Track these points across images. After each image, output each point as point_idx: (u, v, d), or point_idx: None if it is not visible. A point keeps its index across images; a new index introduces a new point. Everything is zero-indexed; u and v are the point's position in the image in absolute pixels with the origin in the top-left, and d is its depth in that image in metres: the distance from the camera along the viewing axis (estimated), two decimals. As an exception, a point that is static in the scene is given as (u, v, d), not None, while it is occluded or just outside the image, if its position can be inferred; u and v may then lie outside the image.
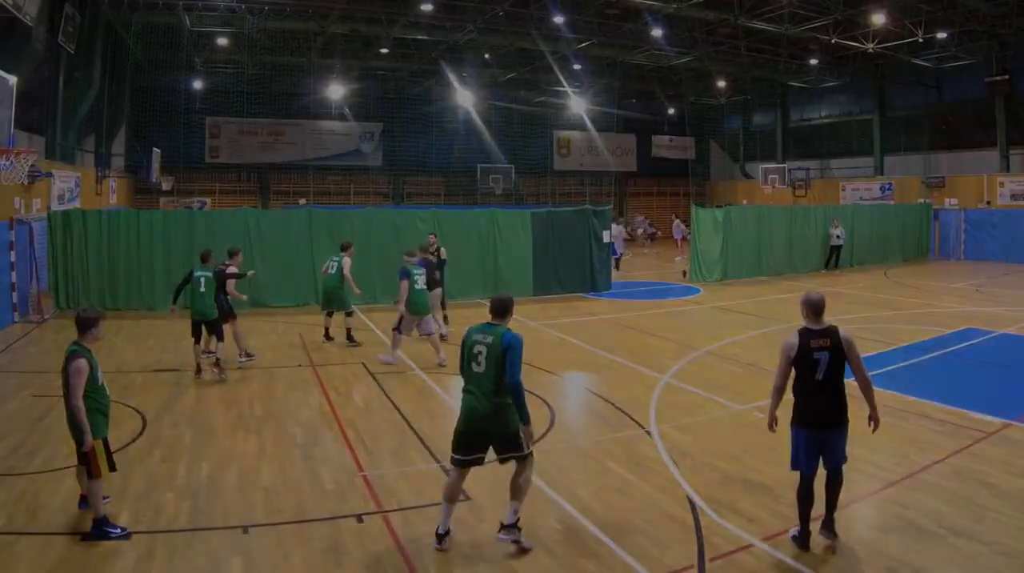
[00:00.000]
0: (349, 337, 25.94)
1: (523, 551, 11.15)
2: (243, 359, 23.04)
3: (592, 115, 73.33)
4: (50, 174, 35.52)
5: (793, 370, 11.50)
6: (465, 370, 11.60)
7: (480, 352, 11.40)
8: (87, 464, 11.56)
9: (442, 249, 28.43)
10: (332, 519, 12.25)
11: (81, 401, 11.33)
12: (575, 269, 37.50)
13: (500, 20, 49.77)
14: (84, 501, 12.17)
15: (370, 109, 71.61)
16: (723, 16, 47.95)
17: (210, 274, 21.71)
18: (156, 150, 55.83)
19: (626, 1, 46.42)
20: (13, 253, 28.54)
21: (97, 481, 11.61)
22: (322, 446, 15.90)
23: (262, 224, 33.39)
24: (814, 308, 11.85)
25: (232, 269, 22.83)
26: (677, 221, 60.75)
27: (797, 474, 11.55)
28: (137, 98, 61.00)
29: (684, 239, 53.86)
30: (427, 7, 47.71)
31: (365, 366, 22.83)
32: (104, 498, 11.85)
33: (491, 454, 11.61)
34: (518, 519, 11.28)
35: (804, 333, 11.54)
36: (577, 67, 61.63)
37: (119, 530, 11.63)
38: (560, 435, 16.54)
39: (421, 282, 23.09)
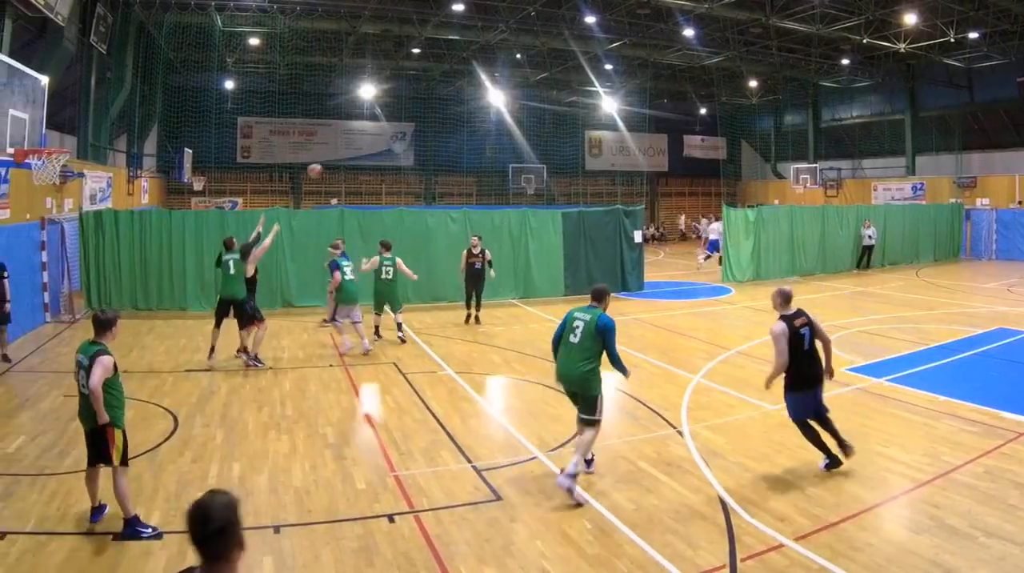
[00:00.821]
0: (400, 329, 26.32)
1: (577, 505, 12.68)
2: (252, 363, 23.08)
3: (623, 115, 73.08)
4: (82, 174, 35.56)
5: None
6: (561, 341, 13.97)
7: (578, 327, 13.70)
8: (106, 444, 11.75)
9: (487, 251, 28.54)
10: (363, 519, 12.26)
11: (100, 387, 11.49)
12: (606, 269, 37.25)
13: (532, 20, 49.69)
14: (97, 513, 12.19)
15: (402, 109, 71.52)
16: (754, 16, 47.84)
17: (237, 256, 22.03)
18: (188, 150, 55.69)
19: (658, 1, 46.36)
20: (45, 253, 28.64)
21: (123, 473, 11.80)
22: (353, 446, 15.94)
23: (293, 224, 33.42)
24: (786, 298, 14.93)
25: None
26: (704, 221, 60.41)
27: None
28: (169, 98, 61.21)
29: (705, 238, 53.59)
30: (459, 7, 47.73)
31: (396, 366, 22.87)
32: (144, 529, 11.85)
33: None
34: (578, 473, 13.03)
35: (785, 319, 14.42)
36: (609, 67, 61.74)
37: (151, 530, 11.74)
38: (592, 435, 16.42)
39: (349, 272, 24.36)
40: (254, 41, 56.49)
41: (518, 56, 62.25)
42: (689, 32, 51.54)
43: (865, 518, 12.04)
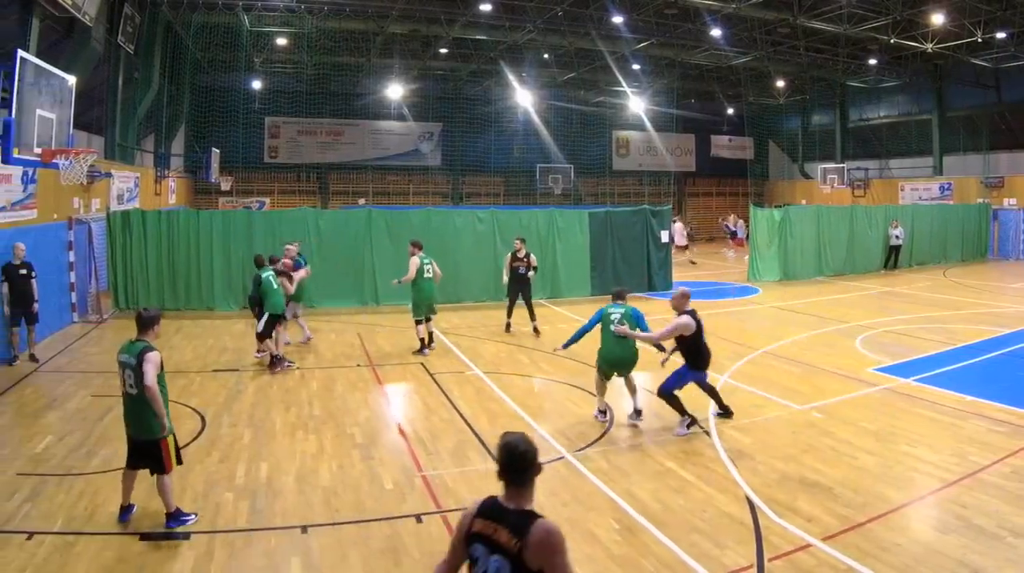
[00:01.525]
0: (430, 340, 25.37)
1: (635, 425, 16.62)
2: (259, 355, 23.55)
3: (651, 115, 72.74)
4: (109, 174, 35.58)
5: (685, 339, 16.75)
6: (603, 331, 17.59)
7: (615, 317, 17.44)
8: (160, 459, 11.88)
9: (531, 255, 27.99)
10: (391, 519, 12.33)
11: (156, 383, 11.66)
12: (633, 269, 37.41)
13: (559, 20, 49.62)
14: (126, 513, 12.30)
15: (429, 109, 71.40)
16: (782, 16, 47.63)
17: (271, 272, 22.19)
18: (215, 150, 55.83)
19: (685, 1, 46.27)
20: (72, 253, 28.77)
21: (168, 476, 11.94)
22: (381, 446, 15.96)
23: (321, 224, 33.50)
24: (687, 297, 17.34)
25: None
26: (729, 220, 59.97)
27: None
28: (196, 98, 61.39)
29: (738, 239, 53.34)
30: (486, 7, 47.65)
31: (424, 366, 22.91)
32: (188, 517, 12.15)
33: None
34: (640, 409, 17.39)
35: (691, 313, 16.82)
36: (636, 67, 61.51)
37: (193, 516, 12.11)
38: (619, 434, 16.58)
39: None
40: (282, 41, 56.55)
41: (545, 56, 62.15)
42: (716, 32, 51.37)
43: (892, 518, 12.05)
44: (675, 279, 39.29)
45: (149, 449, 12.00)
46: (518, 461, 6.56)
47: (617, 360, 17.49)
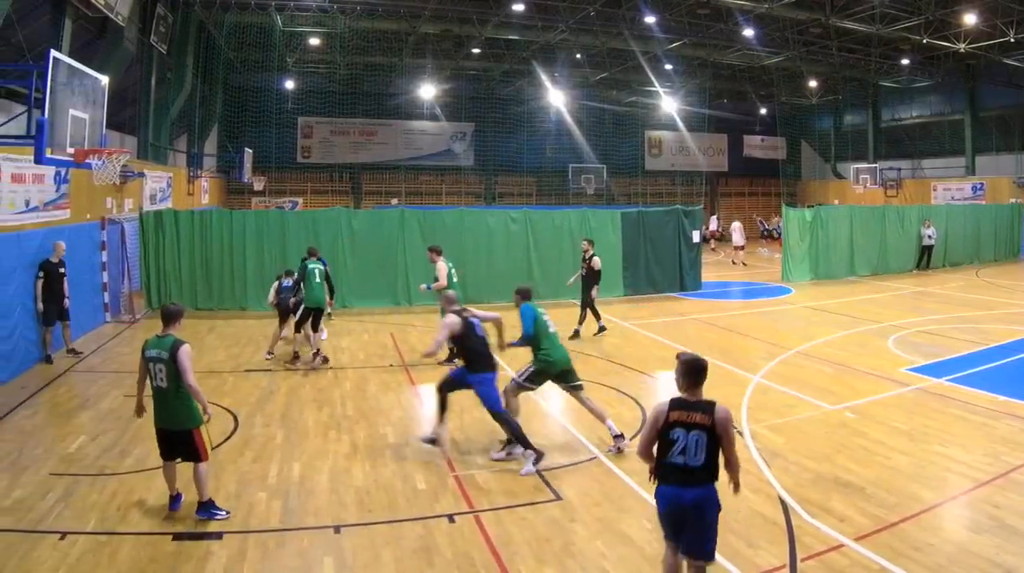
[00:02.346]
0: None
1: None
2: (268, 357, 23.80)
3: (683, 115, 72.59)
4: (142, 174, 35.86)
5: (459, 340, 16.30)
6: (544, 334, 16.83)
7: (548, 318, 17.04)
8: (195, 448, 12.18)
9: (596, 258, 27.57)
10: (423, 519, 12.35)
11: (195, 382, 11.94)
12: (665, 269, 37.52)
13: (591, 20, 49.42)
14: (176, 501, 12.46)
15: (461, 109, 71.41)
16: (814, 16, 47.49)
17: (322, 266, 22.31)
18: (248, 150, 56.27)
19: (717, 1, 46.21)
20: (105, 253, 28.86)
21: (205, 464, 12.21)
22: (414, 446, 15.98)
23: (354, 224, 33.54)
24: (453, 301, 17.38)
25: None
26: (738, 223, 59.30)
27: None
28: (229, 98, 61.69)
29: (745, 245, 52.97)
30: (519, 7, 47.57)
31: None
32: (219, 512, 12.34)
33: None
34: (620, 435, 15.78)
35: (457, 313, 16.48)
36: (668, 67, 61.21)
37: (224, 513, 12.20)
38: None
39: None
40: (314, 41, 56.63)
41: (578, 56, 61.99)
42: (749, 32, 51.17)
43: (925, 518, 12.02)
44: (706, 278, 39.53)
45: (182, 439, 12.22)
46: (698, 370, 9.40)
47: (564, 361, 16.55)
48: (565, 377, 16.51)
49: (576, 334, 27.29)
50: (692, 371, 9.33)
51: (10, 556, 10.89)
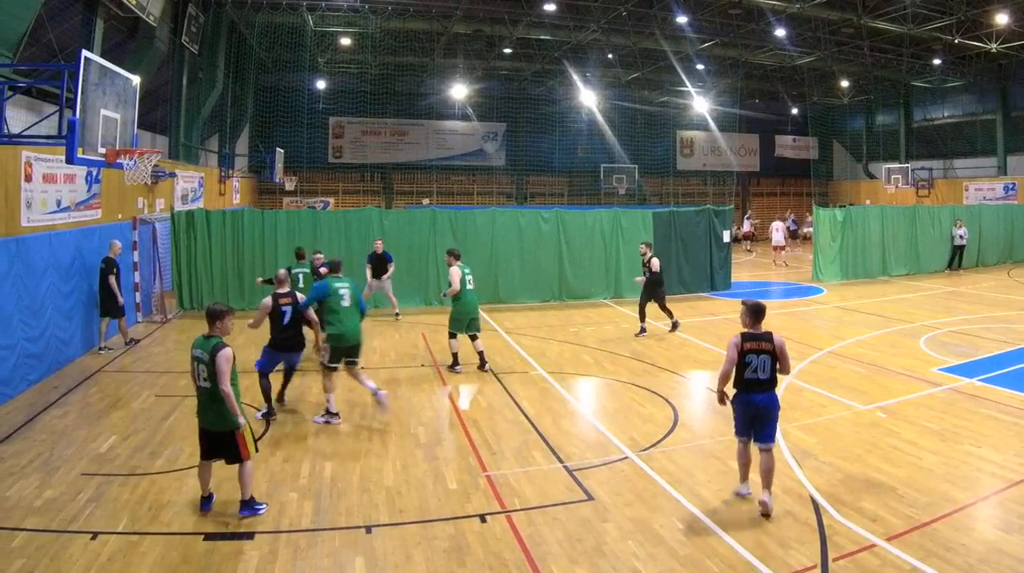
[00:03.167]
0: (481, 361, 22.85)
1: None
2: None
3: (715, 115, 72.52)
4: (173, 174, 35.92)
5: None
6: (337, 308, 17.94)
7: (344, 292, 18.01)
8: (236, 449, 12.37)
9: (654, 259, 27.11)
10: (455, 519, 12.36)
11: (230, 386, 12.09)
12: (697, 269, 37.47)
13: (623, 20, 49.55)
14: (207, 502, 12.58)
15: (493, 109, 71.60)
16: (846, 16, 47.52)
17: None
18: (279, 150, 56.12)
19: (749, 1, 46.25)
20: (136, 253, 28.91)
21: (250, 463, 12.35)
22: (445, 446, 16.00)
23: (386, 224, 33.51)
24: (282, 279, 18.51)
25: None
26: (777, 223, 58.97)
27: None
28: (260, 98, 61.98)
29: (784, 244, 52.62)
30: (550, 7, 47.67)
31: (489, 366, 22.81)
32: (260, 506, 12.57)
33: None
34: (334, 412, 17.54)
35: (275, 295, 17.91)
36: (700, 67, 61.32)
37: (264, 506, 12.69)
38: (683, 435, 16.54)
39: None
40: (346, 41, 56.90)
41: (609, 56, 61.98)
42: (780, 32, 51.11)
43: (957, 518, 11.99)
44: (738, 279, 39.53)
45: (224, 440, 12.40)
46: (761, 310, 13.16)
47: (354, 334, 18.08)
48: (351, 353, 17.94)
49: (675, 326, 27.41)
50: (756, 311, 13.08)
51: (41, 556, 10.94)
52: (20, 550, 11.13)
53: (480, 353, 22.50)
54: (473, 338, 22.59)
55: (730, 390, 13.04)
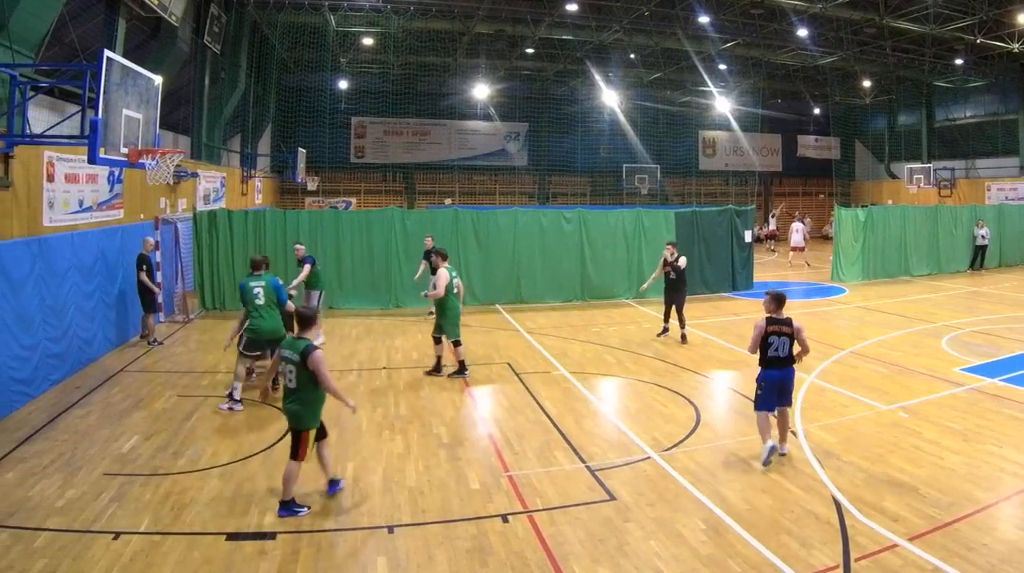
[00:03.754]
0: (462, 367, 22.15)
1: None
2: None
3: (737, 115, 72.40)
4: (196, 174, 36.13)
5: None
6: (251, 305, 18.46)
7: (259, 291, 18.46)
8: (296, 447, 12.86)
9: (682, 258, 26.66)
10: (477, 519, 12.38)
11: (331, 382, 12.96)
12: (718, 269, 37.45)
13: (645, 20, 49.44)
14: (334, 485, 13.41)
15: (515, 109, 71.49)
16: (868, 16, 47.35)
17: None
18: (301, 150, 56.49)
19: (771, 1, 46.22)
20: (158, 253, 28.84)
21: (297, 465, 12.80)
22: (467, 446, 16.01)
23: (408, 224, 33.53)
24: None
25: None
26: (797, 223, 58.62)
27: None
28: (282, 98, 62.15)
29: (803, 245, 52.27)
30: (572, 7, 47.56)
31: (511, 366, 22.96)
32: (300, 509, 12.77)
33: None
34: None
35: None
36: (722, 67, 61.14)
37: (305, 509, 12.76)
38: (705, 435, 16.54)
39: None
40: (368, 41, 57.01)
41: (632, 56, 61.91)
42: (803, 32, 50.91)
43: (979, 518, 11.96)
44: (759, 279, 39.52)
45: (294, 437, 12.88)
46: (783, 299, 15.24)
47: (272, 331, 18.46)
48: (274, 347, 17.21)
49: (665, 330, 27.06)
50: (778, 299, 15.20)
51: (64, 556, 10.98)
52: (42, 550, 11.17)
53: (461, 361, 22.04)
54: (456, 344, 21.86)
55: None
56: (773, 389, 14.99)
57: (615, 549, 11.29)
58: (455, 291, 21.82)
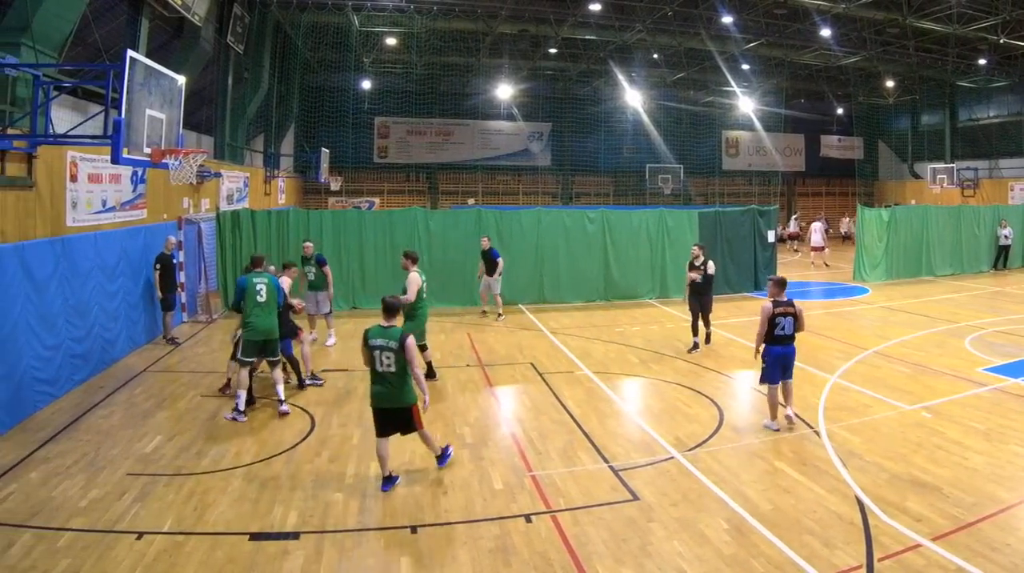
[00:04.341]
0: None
1: None
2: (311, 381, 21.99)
3: (760, 115, 72.47)
4: (219, 174, 36.24)
5: None
6: (251, 302, 18.05)
7: (261, 288, 18.12)
8: (412, 420, 14.00)
9: (710, 262, 25.74)
10: (500, 519, 12.40)
11: (419, 369, 14.00)
12: (741, 268, 37.29)
13: (669, 20, 49.50)
14: (389, 482, 13.77)
15: (538, 109, 71.74)
16: (891, 16, 47.20)
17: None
18: (325, 150, 56.52)
19: (794, 1, 46.08)
20: (182, 253, 28.84)
21: (425, 429, 14.33)
22: (491, 446, 16.01)
23: (431, 224, 33.47)
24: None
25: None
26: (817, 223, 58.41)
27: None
28: (306, 98, 62.47)
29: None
30: (596, 7, 47.68)
31: (534, 366, 22.93)
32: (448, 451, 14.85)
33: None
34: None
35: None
36: (745, 67, 61.03)
37: (452, 447, 15.08)
38: (728, 434, 16.52)
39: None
40: (391, 41, 57.18)
41: (655, 56, 61.78)
42: (826, 32, 50.97)
43: (1002, 518, 11.93)
44: (791, 278, 39.03)
45: (402, 415, 13.91)
46: (784, 283, 17.14)
47: (267, 330, 18.14)
48: (267, 349, 18.14)
49: (696, 345, 25.34)
50: (781, 283, 17.19)
51: (87, 556, 11.02)
52: (66, 550, 11.21)
53: (429, 362, 21.38)
54: (423, 349, 20.50)
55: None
56: (777, 363, 16.92)
57: (638, 549, 11.29)
58: (425, 296, 21.10)
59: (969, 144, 70.86)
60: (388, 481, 13.67)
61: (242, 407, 17.50)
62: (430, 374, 20.94)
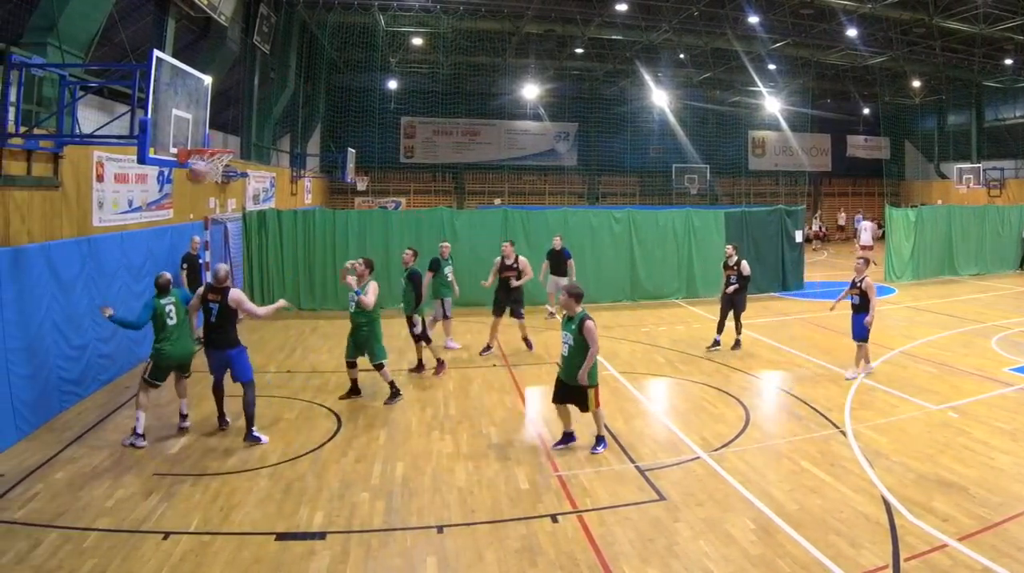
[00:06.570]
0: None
1: None
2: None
3: (786, 115, 72.13)
4: (245, 174, 36.28)
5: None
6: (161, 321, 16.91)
7: (170, 310, 16.91)
8: (587, 400, 15.31)
9: (743, 263, 25.48)
10: (526, 519, 12.41)
11: (597, 350, 15.18)
12: (768, 269, 37.14)
13: (695, 20, 49.44)
14: (567, 438, 15.72)
15: (565, 109, 71.69)
16: (918, 16, 47.09)
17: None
18: (351, 150, 56.50)
19: (821, 1, 46.06)
20: (208, 253, 28.93)
21: (598, 410, 15.58)
22: (517, 446, 16.04)
23: (457, 224, 33.42)
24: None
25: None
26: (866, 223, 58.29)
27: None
28: (332, 98, 62.64)
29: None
30: (622, 7, 47.66)
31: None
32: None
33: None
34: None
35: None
36: (772, 67, 60.80)
37: (605, 441, 15.60)
38: (755, 435, 16.54)
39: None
40: (417, 41, 57.29)
41: (681, 56, 61.54)
42: (852, 32, 50.78)
43: (1029, 518, 11.82)
44: (808, 278, 39.39)
45: (580, 392, 15.23)
46: (868, 261, 20.46)
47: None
48: (182, 369, 17.34)
49: (716, 343, 25.35)
50: (862, 264, 20.41)
51: (113, 556, 11.08)
52: (92, 550, 11.27)
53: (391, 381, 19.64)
54: (380, 367, 19.36)
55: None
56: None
57: (664, 549, 11.29)
58: (379, 306, 19.40)
59: (995, 144, 70.41)
60: (567, 437, 15.80)
61: (140, 430, 16.23)
62: (393, 395, 19.49)
